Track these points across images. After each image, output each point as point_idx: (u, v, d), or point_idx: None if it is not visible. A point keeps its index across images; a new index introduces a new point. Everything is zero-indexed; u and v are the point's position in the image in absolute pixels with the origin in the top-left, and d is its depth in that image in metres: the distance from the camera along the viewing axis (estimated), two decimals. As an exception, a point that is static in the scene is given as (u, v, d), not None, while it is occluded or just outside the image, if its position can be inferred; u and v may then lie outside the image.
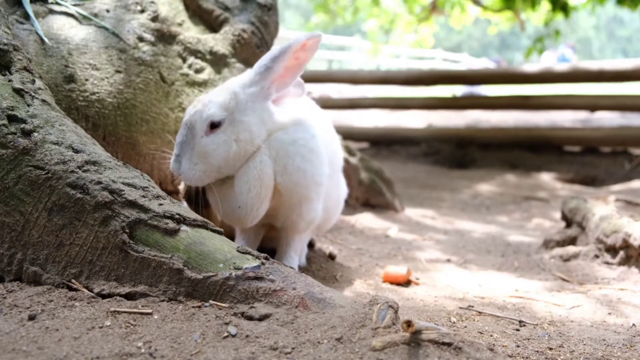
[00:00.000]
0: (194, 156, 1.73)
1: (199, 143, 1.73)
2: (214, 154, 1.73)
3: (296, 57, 1.77)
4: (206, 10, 2.68)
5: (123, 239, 1.38)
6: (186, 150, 1.74)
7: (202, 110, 1.73)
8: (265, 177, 1.77)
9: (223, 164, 1.75)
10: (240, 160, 1.77)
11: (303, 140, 1.86)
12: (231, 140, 1.74)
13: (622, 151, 6.21)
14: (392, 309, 1.23)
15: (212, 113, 1.72)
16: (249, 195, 1.76)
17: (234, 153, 1.74)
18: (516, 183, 5.38)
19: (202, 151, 1.73)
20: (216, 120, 1.72)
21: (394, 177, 4.08)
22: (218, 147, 1.73)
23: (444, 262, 2.64)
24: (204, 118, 1.73)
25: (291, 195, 1.86)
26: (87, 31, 2.27)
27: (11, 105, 1.53)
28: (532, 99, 6.70)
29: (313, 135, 1.90)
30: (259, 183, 1.76)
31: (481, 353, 1.11)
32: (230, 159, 1.75)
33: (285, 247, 2.02)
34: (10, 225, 1.44)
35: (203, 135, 1.73)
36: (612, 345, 1.57)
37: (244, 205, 1.76)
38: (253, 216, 1.79)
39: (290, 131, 1.85)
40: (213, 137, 1.73)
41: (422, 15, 12.69)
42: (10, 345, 1.13)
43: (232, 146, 1.74)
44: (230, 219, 1.86)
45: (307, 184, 1.88)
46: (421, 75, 7.27)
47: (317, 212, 1.99)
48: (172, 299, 1.36)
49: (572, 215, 2.89)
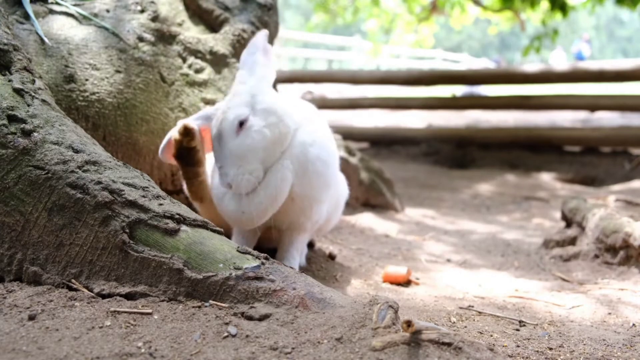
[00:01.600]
0: (235, 159, 1.71)
1: (234, 144, 1.71)
2: (252, 147, 1.72)
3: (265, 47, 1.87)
4: (206, 10, 2.68)
5: (123, 239, 1.39)
6: (225, 159, 1.72)
7: (225, 117, 1.74)
8: (284, 186, 1.77)
9: (264, 154, 1.74)
10: (281, 144, 1.77)
11: (321, 141, 1.87)
12: (262, 128, 1.73)
13: (622, 151, 6.21)
14: (392, 309, 1.23)
15: (237, 113, 1.73)
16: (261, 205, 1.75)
17: (271, 139, 1.74)
18: (516, 183, 5.38)
19: (240, 151, 1.71)
20: (242, 118, 1.73)
21: (394, 177, 4.08)
22: (253, 139, 1.72)
23: (444, 262, 2.64)
24: (229, 121, 1.73)
25: (304, 200, 1.85)
26: (87, 31, 2.27)
27: (11, 105, 1.53)
28: (532, 99, 6.70)
29: (328, 135, 1.92)
30: (277, 192, 1.75)
31: (481, 353, 1.11)
32: (270, 146, 1.74)
33: (288, 247, 2.01)
34: (10, 225, 1.44)
35: (234, 137, 1.72)
36: (612, 345, 1.57)
37: (248, 213, 1.75)
38: (257, 222, 1.78)
39: (309, 130, 1.85)
40: (244, 133, 1.72)
41: (422, 15, 12.69)
42: (10, 345, 1.13)
43: (266, 133, 1.73)
44: (231, 219, 1.85)
45: (321, 188, 1.88)
46: (421, 75, 7.27)
47: (324, 213, 2.00)
48: (172, 299, 1.36)
49: (572, 215, 2.89)
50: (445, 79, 7.28)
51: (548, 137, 6.46)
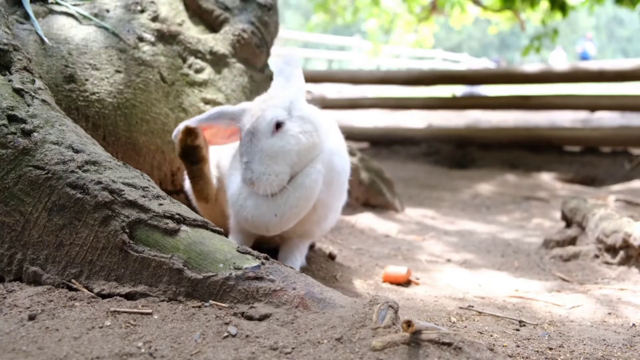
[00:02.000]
0: (265, 158, 1.68)
1: (267, 143, 1.69)
2: (286, 150, 1.70)
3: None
4: (206, 10, 2.68)
5: (123, 239, 1.38)
6: (255, 155, 1.69)
7: (263, 115, 1.73)
8: (316, 190, 1.76)
9: (296, 159, 1.72)
10: (311, 153, 1.76)
11: (343, 151, 1.90)
12: (298, 134, 1.73)
13: (622, 151, 6.21)
14: (392, 309, 1.23)
15: (275, 114, 1.73)
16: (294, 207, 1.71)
17: (304, 146, 1.73)
18: (516, 183, 5.38)
19: (273, 151, 1.69)
20: (280, 120, 1.72)
21: (394, 177, 4.08)
22: (287, 142, 1.71)
23: (444, 262, 2.64)
24: (268, 120, 1.72)
25: (324, 208, 1.85)
26: (87, 31, 2.27)
27: (11, 105, 1.53)
28: (532, 99, 6.70)
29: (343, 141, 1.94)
30: (309, 195, 1.73)
31: (481, 353, 1.11)
32: (302, 152, 1.73)
33: (293, 249, 2.00)
34: (10, 225, 1.44)
35: (269, 136, 1.71)
36: (612, 345, 1.57)
37: (281, 216, 1.71)
38: (282, 228, 1.75)
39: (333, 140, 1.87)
40: (280, 135, 1.71)
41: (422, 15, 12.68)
42: (10, 345, 1.13)
43: (301, 139, 1.73)
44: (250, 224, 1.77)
45: (339, 197, 1.90)
46: (421, 75, 7.27)
47: (333, 222, 2.03)
48: (172, 299, 1.36)
49: (572, 215, 2.89)
50: (445, 79, 7.28)
51: (548, 137, 6.46)
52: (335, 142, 1.87)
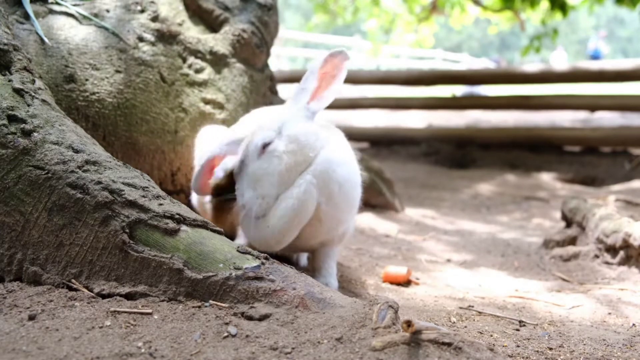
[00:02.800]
0: (251, 182, 1.71)
1: (253, 167, 1.72)
2: (268, 171, 1.70)
3: (325, 73, 1.83)
4: (206, 10, 2.68)
5: (123, 239, 1.38)
6: (243, 180, 1.73)
7: (252, 140, 1.75)
8: (310, 201, 1.73)
9: (278, 179, 1.71)
10: (294, 174, 1.73)
11: (347, 160, 1.86)
12: (282, 154, 1.72)
13: (622, 151, 6.21)
14: (392, 309, 1.23)
15: (262, 136, 1.74)
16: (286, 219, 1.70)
17: (286, 165, 1.71)
18: (516, 183, 5.38)
19: (256, 174, 1.71)
20: (266, 141, 1.73)
21: (394, 177, 4.08)
22: (270, 164, 1.71)
23: (444, 262, 2.64)
24: (254, 143, 1.73)
25: (332, 221, 1.83)
26: (87, 31, 2.28)
27: (11, 105, 1.53)
28: (532, 99, 6.70)
29: (352, 155, 1.91)
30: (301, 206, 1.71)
31: (481, 353, 1.11)
32: (284, 172, 1.71)
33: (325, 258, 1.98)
34: (10, 225, 1.44)
35: (255, 159, 1.72)
36: (612, 345, 1.57)
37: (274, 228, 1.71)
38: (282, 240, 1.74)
39: (335, 149, 1.83)
40: (264, 156, 1.72)
41: (422, 15, 12.68)
42: (10, 345, 1.13)
43: (283, 159, 1.71)
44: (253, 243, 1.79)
45: (348, 209, 1.87)
46: (421, 75, 7.27)
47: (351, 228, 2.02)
48: (172, 299, 1.36)
49: (572, 215, 2.89)
50: (445, 79, 7.28)
51: (548, 137, 6.46)
52: (336, 153, 1.82)
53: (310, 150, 1.76)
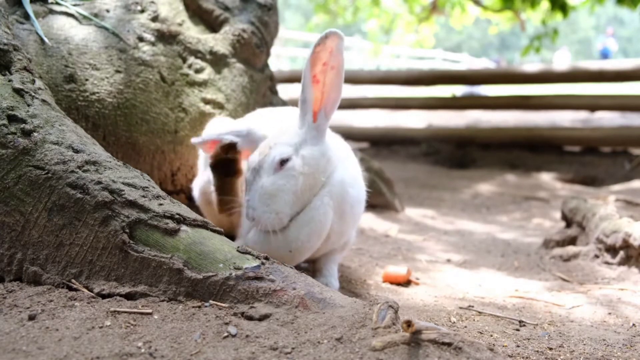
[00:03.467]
0: (264, 197, 1.68)
1: (267, 181, 1.69)
2: (284, 189, 1.69)
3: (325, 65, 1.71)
4: (206, 10, 2.68)
5: (123, 239, 1.38)
6: (255, 193, 1.69)
7: (269, 153, 1.72)
8: (327, 223, 1.74)
9: (293, 199, 1.70)
10: (307, 195, 1.73)
11: (358, 178, 1.88)
12: (298, 174, 1.70)
13: (622, 151, 6.21)
14: (392, 309, 1.23)
15: (280, 151, 1.70)
16: (307, 242, 1.72)
17: (302, 186, 1.71)
18: (516, 183, 5.38)
19: (272, 189, 1.68)
20: (285, 158, 1.70)
21: (394, 177, 4.08)
22: (287, 182, 1.69)
23: (444, 262, 2.64)
24: (271, 157, 1.70)
25: (338, 237, 1.85)
26: (87, 31, 2.28)
27: (11, 105, 1.53)
28: (532, 99, 6.70)
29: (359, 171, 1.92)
30: (320, 228, 1.73)
31: (481, 353, 1.11)
32: (299, 193, 1.71)
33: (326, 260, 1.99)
34: (10, 225, 1.44)
35: (271, 173, 1.70)
36: (612, 345, 1.57)
37: (295, 251, 1.71)
38: (296, 262, 1.75)
39: (347, 168, 1.84)
40: (281, 173, 1.70)
41: (422, 15, 12.69)
42: (10, 345, 1.13)
43: (300, 179, 1.70)
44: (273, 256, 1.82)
45: (354, 225, 1.91)
46: (421, 75, 7.27)
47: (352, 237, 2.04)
48: (172, 299, 1.36)
49: (572, 215, 2.89)
50: (445, 79, 7.28)
51: (548, 137, 6.46)
52: (349, 173, 1.84)
53: (322, 174, 1.76)
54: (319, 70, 1.70)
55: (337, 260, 2.06)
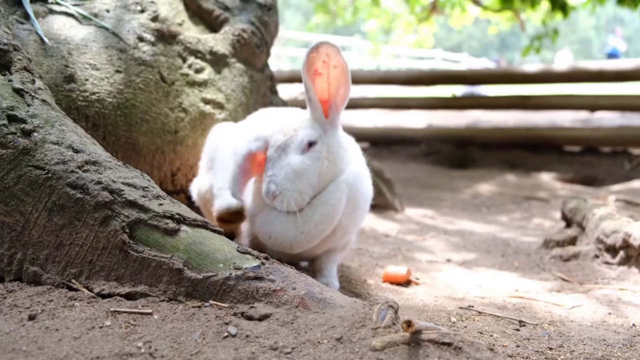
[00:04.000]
0: (291, 174, 1.68)
1: (295, 160, 1.70)
2: (311, 169, 1.71)
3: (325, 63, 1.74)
4: (206, 10, 2.68)
5: (123, 239, 1.38)
6: (282, 169, 1.69)
7: (297, 134, 1.73)
8: (340, 209, 1.76)
9: (316, 181, 1.73)
10: (327, 180, 1.76)
11: (369, 177, 1.91)
12: (323, 158, 1.74)
13: (622, 151, 6.21)
14: (392, 309, 1.23)
15: (308, 133, 1.73)
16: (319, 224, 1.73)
17: (325, 171, 1.74)
18: (516, 183, 5.38)
19: (300, 167, 1.69)
20: (313, 140, 1.73)
21: (394, 177, 4.08)
22: (314, 163, 1.72)
23: (444, 262, 2.64)
24: (300, 137, 1.72)
25: (343, 232, 1.86)
26: (87, 31, 2.28)
27: (11, 105, 1.53)
28: (532, 99, 6.70)
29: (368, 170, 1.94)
30: (333, 212, 1.75)
31: (481, 353, 1.11)
32: (322, 176, 1.74)
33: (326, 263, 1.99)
34: (10, 225, 1.44)
35: (298, 153, 1.71)
36: (612, 345, 1.57)
37: (307, 233, 1.71)
38: (305, 246, 1.75)
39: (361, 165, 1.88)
40: (309, 154, 1.72)
41: (422, 15, 12.69)
42: (10, 345, 1.13)
43: (325, 163, 1.74)
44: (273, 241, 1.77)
45: (359, 222, 1.93)
46: (421, 75, 7.27)
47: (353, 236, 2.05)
48: (172, 299, 1.36)
49: (572, 215, 2.89)
50: (445, 79, 7.28)
51: (548, 137, 6.46)
52: (362, 169, 1.89)
53: (341, 163, 1.80)
54: (318, 67, 1.73)
55: (338, 260, 2.06)
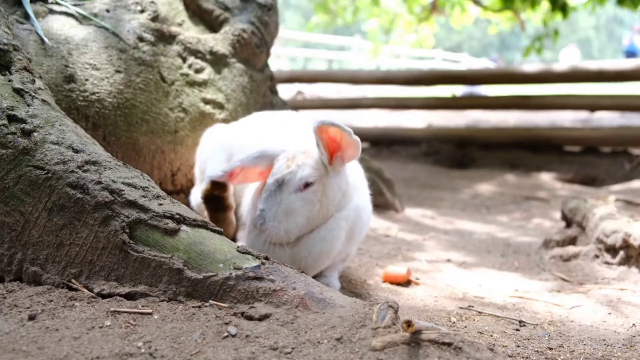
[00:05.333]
0: (280, 213, 1.72)
1: (287, 199, 1.73)
2: (300, 211, 1.74)
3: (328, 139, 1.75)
4: (206, 10, 2.68)
5: (123, 239, 1.38)
6: (272, 206, 1.72)
7: (297, 171, 1.75)
8: (338, 245, 1.82)
9: (305, 222, 1.76)
10: (318, 221, 1.79)
11: (368, 202, 1.96)
12: (316, 200, 1.76)
13: (622, 151, 6.21)
14: (392, 309, 1.23)
15: (308, 174, 1.75)
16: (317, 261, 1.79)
17: (316, 213, 1.77)
18: (516, 183, 5.38)
19: (289, 208, 1.73)
20: (310, 181, 1.75)
21: (394, 177, 4.08)
22: (305, 205, 1.74)
23: (444, 262, 2.64)
24: (298, 177, 1.74)
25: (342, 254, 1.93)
26: (87, 31, 2.28)
27: (11, 105, 1.53)
28: (532, 99, 6.69)
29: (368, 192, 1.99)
30: (331, 249, 1.80)
31: (481, 353, 1.11)
32: (312, 218, 1.77)
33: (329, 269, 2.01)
34: (10, 225, 1.44)
35: (293, 192, 1.73)
36: (612, 345, 1.57)
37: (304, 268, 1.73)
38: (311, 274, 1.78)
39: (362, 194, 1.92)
40: (303, 195, 1.74)
41: (422, 15, 12.68)
42: (10, 345, 1.13)
43: (316, 206, 1.76)
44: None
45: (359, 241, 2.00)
46: (421, 75, 7.27)
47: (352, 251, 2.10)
48: (172, 299, 1.36)
49: (572, 215, 2.89)
50: (445, 79, 7.27)
51: (548, 137, 6.45)
52: (363, 198, 1.92)
53: (334, 206, 1.82)
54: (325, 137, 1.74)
55: (338, 268, 2.10)
